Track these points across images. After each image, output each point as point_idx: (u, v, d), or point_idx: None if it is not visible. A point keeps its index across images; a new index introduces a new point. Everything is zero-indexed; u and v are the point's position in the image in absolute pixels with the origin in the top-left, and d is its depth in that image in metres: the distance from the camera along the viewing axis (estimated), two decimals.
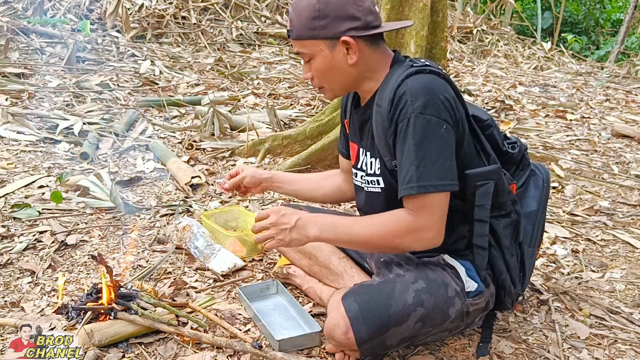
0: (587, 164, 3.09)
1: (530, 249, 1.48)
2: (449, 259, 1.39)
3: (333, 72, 1.36)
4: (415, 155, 1.24)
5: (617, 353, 1.53)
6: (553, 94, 4.76)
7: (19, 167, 2.61)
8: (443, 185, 1.26)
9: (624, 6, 9.05)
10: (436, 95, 1.25)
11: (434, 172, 1.24)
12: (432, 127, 1.24)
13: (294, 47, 1.41)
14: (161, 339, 1.47)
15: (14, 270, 1.80)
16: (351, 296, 1.31)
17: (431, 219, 1.28)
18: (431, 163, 1.24)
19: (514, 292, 1.43)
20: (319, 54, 1.34)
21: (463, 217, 1.38)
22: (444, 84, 1.29)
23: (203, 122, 3.15)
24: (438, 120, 1.24)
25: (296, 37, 1.35)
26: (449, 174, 1.26)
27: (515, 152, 1.47)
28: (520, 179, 1.50)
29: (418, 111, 1.23)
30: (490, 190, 1.33)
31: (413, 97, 1.24)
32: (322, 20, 1.30)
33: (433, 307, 1.30)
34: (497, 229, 1.38)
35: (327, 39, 1.32)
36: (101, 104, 3.53)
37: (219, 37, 5.44)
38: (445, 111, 1.25)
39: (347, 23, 1.30)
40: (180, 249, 1.96)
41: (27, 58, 4.28)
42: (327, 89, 1.41)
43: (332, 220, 1.36)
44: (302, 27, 1.33)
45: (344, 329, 1.28)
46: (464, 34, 6.87)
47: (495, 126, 1.44)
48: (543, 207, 1.52)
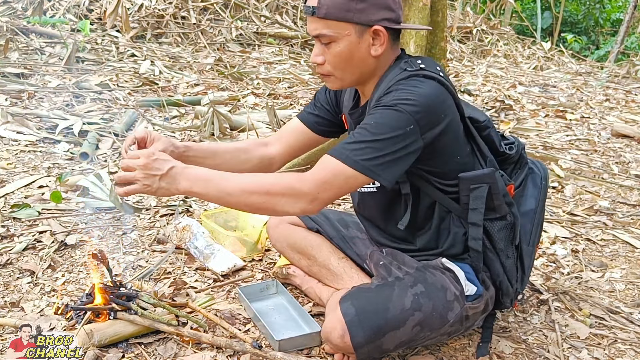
0: (586, 164, 3.09)
1: (529, 248, 1.47)
2: (448, 263, 1.39)
3: (353, 60, 1.29)
4: (367, 133, 1.20)
5: (617, 353, 1.53)
6: (553, 93, 4.76)
7: (19, 167, 2.61)
8: (368, 170, 1.19)
9: (624, 6, 9.04)
10: (422, 100, 1.22)
11: (372, 156, 1.19)
12: (398, 120, 1.20)
13: (311, 27, 1.28)
14: (161, 339, 1.47)
15: (13, 270, 1.80)
16: (348, 299, 1.31)
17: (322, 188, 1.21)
18: (375, 148, 1.20)
19: (511, 292, 1.42)
20: (344, 38, 1.26)
21: (458, 220, 1.38)
22: (434, 90, 1.25)
23: (203, 122, 3.15)
24: (408, 118, 1.20)
25: (324, 15, 1.24)
26: (383, 167, 1.20)
27: (513, 152, 1.46)
28: (518, 178, 1.49)
29: (393, 103, 1.22)
30: (484, 194, 1.32)
31: (395, 94, 1.23)
32: (360, 4, 1.23)
33: (431, 311, 1.29)
34: (491, 231, 1.37)
35: (359, 25, 1.25)
36: (101, 104, 3.53)
37: (219, 37, 5.44)
38: (420, 114, 1.21)
39: (383, 12, 1.25)
40: (180, 249, 1.96)
41: (27, 58, 4.28)
42: (337, 77, 1.33)
43: (207, 174, 1.25)
44: (334, 6, 1.23)
45: (341, 332, 1.28)
46: (464, 33, 6.87)
47: (492, 127, 1.43)
48: (542, 205, 1.51)
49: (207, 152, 1.47)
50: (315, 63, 1.33)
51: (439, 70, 1.31)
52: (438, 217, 1.39)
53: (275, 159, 1.55)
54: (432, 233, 1.41)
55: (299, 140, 1.55)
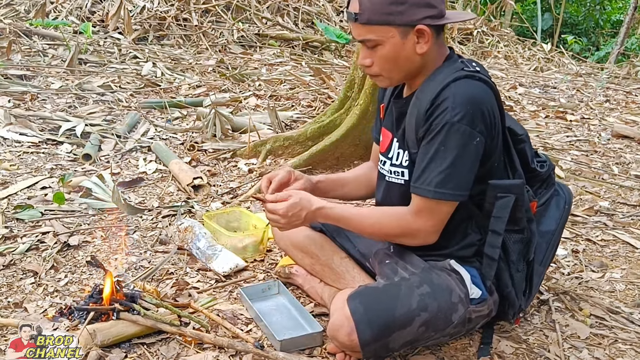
0: (587, 165, 3.09)
1: (541, 268, 1.48)
2: (455, 265, 1.39)
3: (400, 60, 1.31)
4: (442, 160, 1.26)
5: (618, 353, 1.54)
6: (553, 95, 4.76)
7: (22, 169, 2.62)
8: (456, 196, 1.28)
9: (624, 7, 9.05)
10: (478, 107, 1.25)
11: (454, 181, 1.27)
12: (464, 138, 1.25)
13: (355, 32, 1.31)
14: (163, 339, 1.48)
15: (16, 271, 1.81)
16: (357, 298, 1.32)
17: (429, 223, 1.33)
18: (453, 172, 1.26)
19: (517, 304, 1.43)
20: (388, 41, 1.28)
21: (476, 226, 1.39)
22: (489, 95, 1.29)
23: (205, 124, 3.17)
24: (472, 132, 1.25)
25: (367, 21, 1.27)
26: (466, 185, 1.28)
27: (544, 170, 1.46)
28: (543, 197, 1.49)
29: (455, 120, 1.24)
30: (510, 204, 1.33)
31: (454, 104, 1.24)
32: (400, 6, 1.24)
33: (437, 312, 1.30)
34: (507, 242, 1.38)
35: (402, 26, 1.26)
36: (103, 105, 3.54)
37: (221, 39, 5.45)
38: (482, 124, 1.25)
39: (424, 10, 1.26)
40: (182, 250, 1.97)
41: (30, 60, 4.30)
42: (386, 77, 1.36)
43: (337, 216, 1.42)
44: (375, 12, 1.25)
45: (348, 330, 1.28)
46: (464, 35, 6.88)
47: (528, 142, 1.43)
48: (560, 228, 1.51)
49: (336, 184, 1.64)
50: (363, 65, 1.36)
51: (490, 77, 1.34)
52: (457, 219, 1.39)
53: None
54: (446, 233, 1.40)
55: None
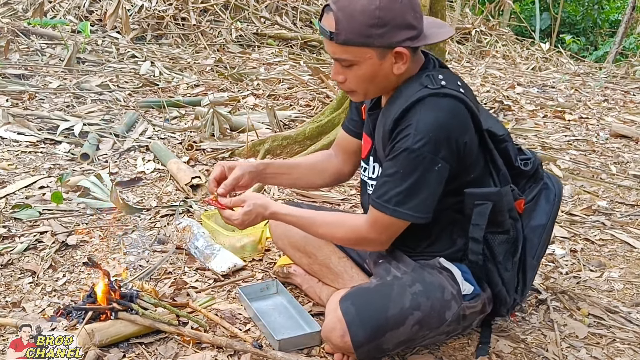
0: (585, 164, 3.10)
1: (534, 262, 1.48)
2: (445, 262, 1.39)
3: (376, 80, 1.28)
4: (401, 182, 1.25)
5: (616, 352, 1.54)
6: (551, 94, 4.77)
7: (20, 168, 2.62)
8: (415, 217, 1.28)
9: (622, 7, 9.06)
10: (442, 133, 1.23)
11: (413, 203, 1.26)
12: (424, 165, 1.23)
13: (330, 50, 1.27)
14: (162, 339, 1.48)
15: (14, 270, 1.81)
16: (348, 299, 1.32)
17: (382, 236, 1.34)
18: (412, 195, 1.25)
19: (509, 302, 1.43)
20: (365, 62, 1.24)
21: (461, 230, 1.39)
22: (456, 114, 1.25)
23: (203, 123, 3.16)
24: (434, 158, 1.23)
25: (343, 42, 1.22)
26: (425, 209, 1.27)
27: (528, 168, 1.45)
28: (531, 192, 1.49)
29: (416, 147, 1.22)
30: (487, 211, 1.32)
31: (417, 131, 1.22)
32: (380, 29, 1.19)
33: (430, 310, 1.31)
34: (492, 244, 1.37)
35: (380, 47, 1.22)
36: (101, 105, 3.54)
37: (219, 38, 5.44)
38: (446, 150, 1.24)
39: (404, 32, 1.21)
40: (180, 249, 1.97)
41: (28, 59, 4.29)
42: (360, 93, 1.34)
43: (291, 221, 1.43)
44: (354, 33, 1.20)
45: (341, 332, 1.29)
46: (463, 34, 6.88)
47: (510, 141, 1.42)
48: (552, 221, 1.51)
49: (284, 168, 1.58)
50: (335, 80, 1.33)
51: (460, 86, 1.30)
52: (442, 224, 1.39)
53: (344, 169, 1.61)
54: (433, 238, 1.42)
55: (351, 148, 1.57)
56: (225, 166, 1.48)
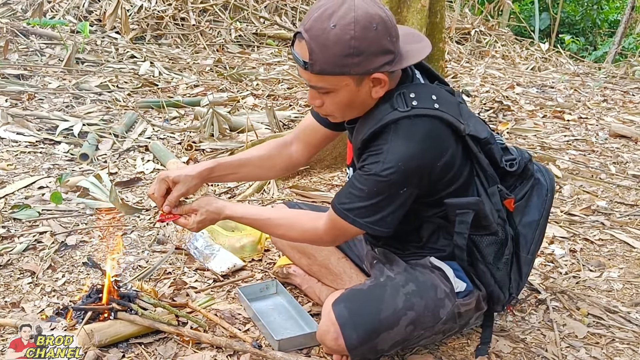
0: (584, 164, 3.10)
1: (529, 257, 1.47)
2: (436, 261, 1.40)
3: (354, 105, 1.25)
4: (366, 199, 1.25)
5: (615, 352, 1.54)
6: (550, 94, 4.77)
7: (19, 168, 2.62)
8: (375, 230, 1.29)
9: (621, 7, 9.07)
10: (412, 163, 1.22)
11: (374, 219, 1.27)
12: (390, 189, 1.24)
13: (305, 77, 1.22)
14: (161, 339, 1.48)
15: (14, 270, 1.81)
16: (342, 302, 1.32)
17: (337, 240, 1.41)
18: (375, 212, 1.26)
19: (503, 299, 1.43)
20: (342, 89, 1.21)
21: (449, 235, 1.38)
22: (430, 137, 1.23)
23: (202, 123, 3.16)
24: (399, 184, 1.23)
25: (318, 72, 1.17)
26: (386, 225, 1.28)
27: (514, 169, 1.43)
28: (522, 190, 1.47)
29: (384, 174, 1.22)
30: (469, 220, 1.32)
31: (385, 160, 1.21)
32: (356, 57, 1.14)
33: (424, 310, 1.31)
34: (480, 245, 1.37)
35: (357, 75, 1.18)
36: (101, 105, 3.54)
37: (218, 39, 5.44)
38: (415, 177, 1.24)
39: (381, 58, 1.17)
40: (179, 250, 1.97)
41: (27, 59, 4.28)
42: (338, 117, 1.32)
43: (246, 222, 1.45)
44: (328, 63, 1.15)
45: (334, 335, 1.29)
46: (462, 35, 6.88)
47: (494, 143, 1.38)
48: (545, 216, 1.49)
49: (230, 168, 1.52)
50: (313, 105, 1.30)
51: (435, 101, 1.25)
52: (428, 229, 1.40)
53: (298, 159, 1.57)
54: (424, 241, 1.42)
55: (316, 138, 1.53)
56: (168, 180, 1.42)
